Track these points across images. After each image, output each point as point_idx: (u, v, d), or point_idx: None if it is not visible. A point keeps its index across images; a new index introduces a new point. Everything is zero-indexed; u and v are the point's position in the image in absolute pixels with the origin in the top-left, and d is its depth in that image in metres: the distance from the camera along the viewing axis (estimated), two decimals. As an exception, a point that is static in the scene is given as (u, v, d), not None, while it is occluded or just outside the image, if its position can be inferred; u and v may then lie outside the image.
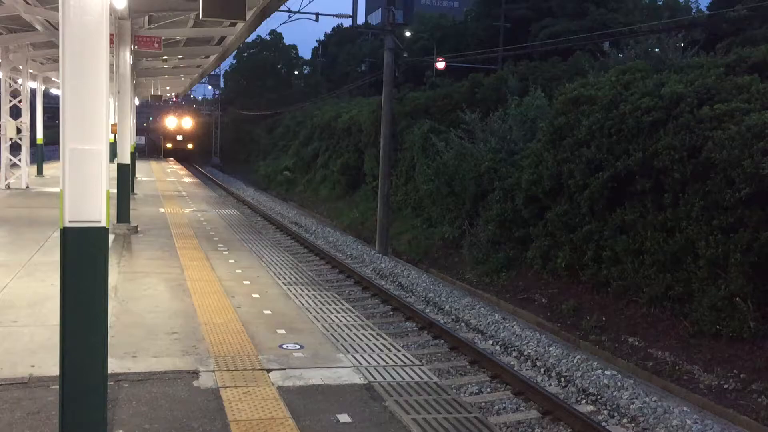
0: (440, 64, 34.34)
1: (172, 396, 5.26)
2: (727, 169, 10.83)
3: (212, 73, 47.70)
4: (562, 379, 10.41)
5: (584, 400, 9.66)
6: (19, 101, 21.40)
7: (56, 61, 21.78)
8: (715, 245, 10.79)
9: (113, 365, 5.24)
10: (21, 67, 20.86)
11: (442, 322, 13.25)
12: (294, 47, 65.79)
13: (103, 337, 4.21)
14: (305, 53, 66.64)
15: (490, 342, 12.31)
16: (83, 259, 4.08)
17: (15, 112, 21.93)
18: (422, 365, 6.23)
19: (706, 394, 9.70)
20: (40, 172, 26.57)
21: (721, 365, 10.11)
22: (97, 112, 4.03)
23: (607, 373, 10.39)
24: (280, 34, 63.78)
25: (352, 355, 6.34)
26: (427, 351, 11.44)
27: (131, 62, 14.34)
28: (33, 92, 28.05)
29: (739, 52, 15.22)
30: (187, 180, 29.56)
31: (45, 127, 27.52)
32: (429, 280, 17.07)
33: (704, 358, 10.42)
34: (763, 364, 9.71)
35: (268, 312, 7.80)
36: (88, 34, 3.98)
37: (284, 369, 5.92)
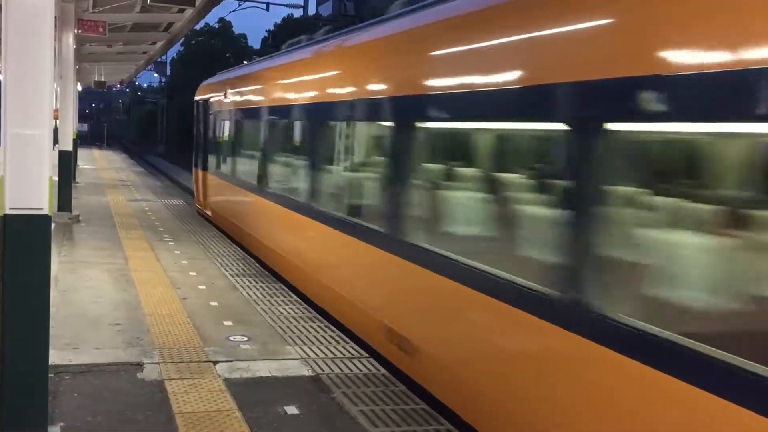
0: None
1: (116, 388, 5.16)
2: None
3: (159, 59, 46.73)
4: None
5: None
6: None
7: (-6, 43, 21.00)
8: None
9: (53, 357, 5.09)
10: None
11: (389, 314, 13.30)
12: (244, 36, 64.86)
13: (44, 327, 4.11)
14: (255, 43, 65.62)
15: (437, 334, 12.42)
16: (24, 247, 3.99)
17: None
18: (370, 357, 6.25)
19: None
20: (-24, 157, 25.67)
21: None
22: (41, 97, 3.93)
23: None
24: (230, 22, 62.69)
25: (300, 347, 6.32)
26: (375, 343, 11.48)
27: (74, 47, 13.97)
28: (-31, 75, 27.06)
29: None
30: (132, 169, 28.96)
31: (-18, 111, 26.59)
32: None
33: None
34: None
35: (215, 303, 7.71)
36: (32, 17, 3.89)
37: (231, 361, 5.87)
